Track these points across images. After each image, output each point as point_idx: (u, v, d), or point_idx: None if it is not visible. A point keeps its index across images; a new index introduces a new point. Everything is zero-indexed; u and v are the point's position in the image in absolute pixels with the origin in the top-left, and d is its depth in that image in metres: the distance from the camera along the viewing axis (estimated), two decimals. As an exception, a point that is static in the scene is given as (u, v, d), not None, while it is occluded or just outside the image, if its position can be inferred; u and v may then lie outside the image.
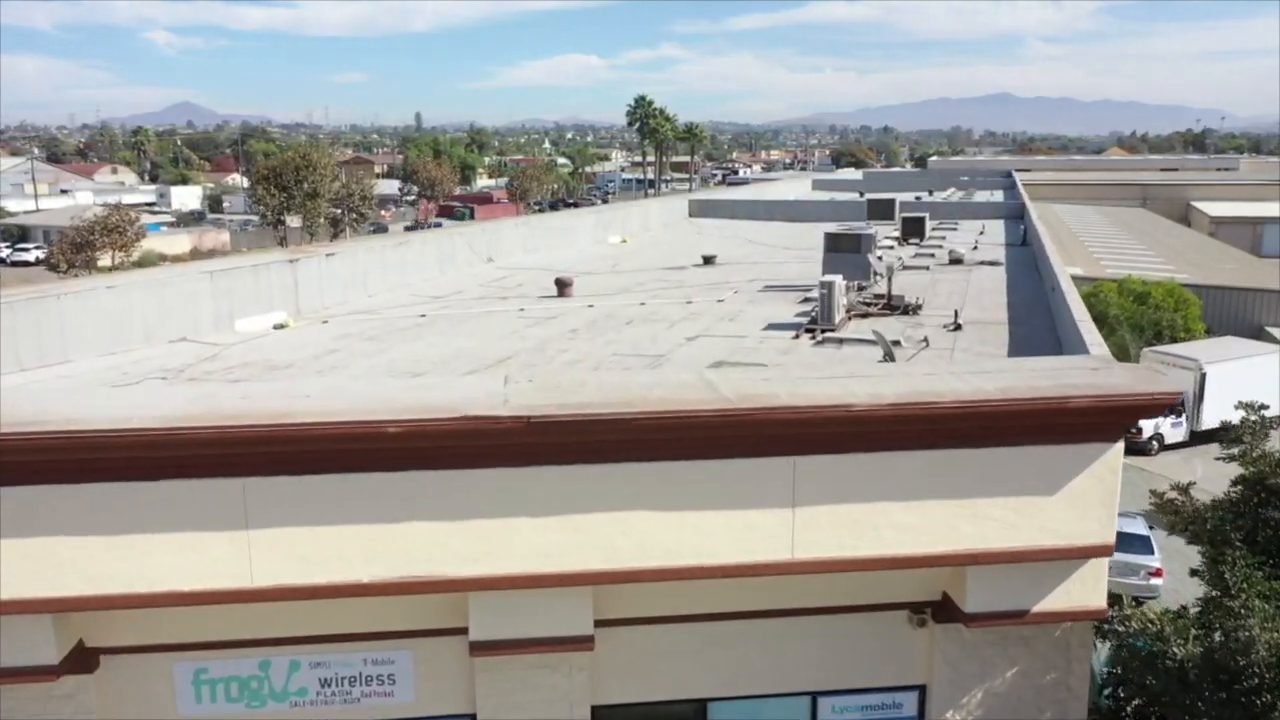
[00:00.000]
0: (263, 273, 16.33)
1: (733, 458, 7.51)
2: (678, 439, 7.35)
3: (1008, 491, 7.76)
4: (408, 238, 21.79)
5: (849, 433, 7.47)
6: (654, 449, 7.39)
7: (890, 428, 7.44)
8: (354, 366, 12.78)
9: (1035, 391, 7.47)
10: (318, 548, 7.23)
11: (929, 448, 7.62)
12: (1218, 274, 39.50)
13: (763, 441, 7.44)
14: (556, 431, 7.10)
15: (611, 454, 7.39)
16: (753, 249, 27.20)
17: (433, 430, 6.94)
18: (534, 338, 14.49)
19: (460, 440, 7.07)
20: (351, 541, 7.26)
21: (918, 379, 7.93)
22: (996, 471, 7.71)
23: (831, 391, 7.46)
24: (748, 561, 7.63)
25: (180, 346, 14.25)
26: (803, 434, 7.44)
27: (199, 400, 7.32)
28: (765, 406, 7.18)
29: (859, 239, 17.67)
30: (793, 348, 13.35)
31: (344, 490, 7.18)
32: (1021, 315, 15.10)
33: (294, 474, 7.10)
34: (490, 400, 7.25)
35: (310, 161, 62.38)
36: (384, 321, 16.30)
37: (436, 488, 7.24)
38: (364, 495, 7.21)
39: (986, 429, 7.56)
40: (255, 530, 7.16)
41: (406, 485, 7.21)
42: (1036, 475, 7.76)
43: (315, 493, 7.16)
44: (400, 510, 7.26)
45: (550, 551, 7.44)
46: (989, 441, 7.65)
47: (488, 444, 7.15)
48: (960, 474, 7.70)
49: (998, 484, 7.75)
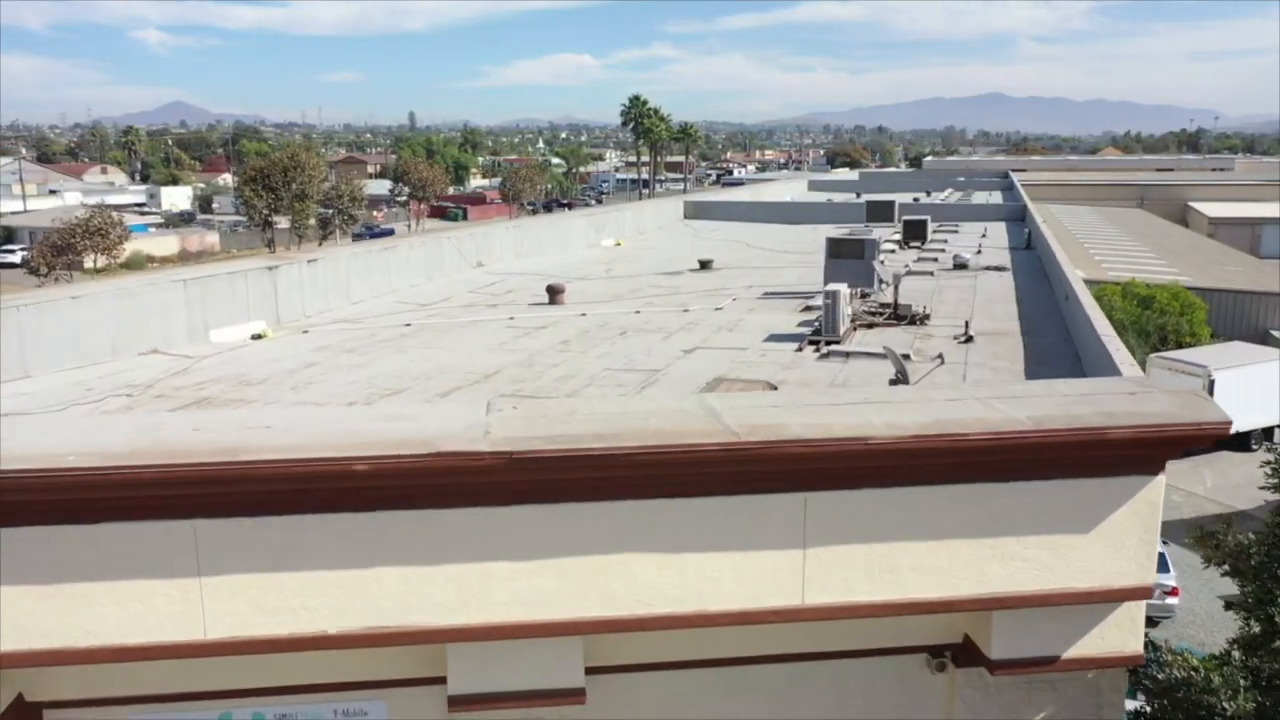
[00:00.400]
0: (239, 280, 15.61)
1: (738, 494, 6.80)
2: (677, 475, 6.65)
3: (1039, 529, 7.07)
4: (394, 242, 21.06)
5: (866, 467, 6.77)
6: (651, 486, 6.69)
7: (912, 462, 6.75)
8: (332, 382, 12.08)
9: (1072, 421, 6.79)
10: (278, 596, 6.51)
11: (953, 482, 6.93)
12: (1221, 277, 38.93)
13: (771, 477, 6.75)
14: (543, 468, 6.39)
15: (604, 492, 6.68)
16: (750, 253, 26.54)
17: (405, 468, 6.23)
18: (523, 350, 13.79)
19: (435, 478, 6.36)
20: (315, 589, 6.55)
21: (940, 406, 7.24)
22: (1027, 508, 7.03)
23: (847, 422, 6.76)
24: (754, 608, 6.94)
25: (150, 359, 13.54)
26: (815, 469, 6.73)
27: (145, 433, 6.60)
28: (775, 440, 6.48)
29: (862, 244, 17.00)
30: (796, 361, 12.67)
31: (307, 533, 6.46)
32: (1035, 325, 14.44)
33: (251, 515, 6.38)
34: (469, 433, 6.54)
35: (299, 162, 61.50)
36: (367, 332, 15.59)
37: (409, 530, 6.53)
38: (329, 538, 6.49)
39: (1018, 462, 6.87)
40: (208, 578, 6.45)
41: (376, 527, 6.49)
42: (1071, 511, 7.07)
43: (275, 536, 6.44)
44: (369, 555, 6.54)
45: (536, 599, 6.73)
46: (1020, 475, 6.96)
47: (466, 482, 6.44)
48: (988, 510, 7.01)
49: (1028, 521, 7.06)
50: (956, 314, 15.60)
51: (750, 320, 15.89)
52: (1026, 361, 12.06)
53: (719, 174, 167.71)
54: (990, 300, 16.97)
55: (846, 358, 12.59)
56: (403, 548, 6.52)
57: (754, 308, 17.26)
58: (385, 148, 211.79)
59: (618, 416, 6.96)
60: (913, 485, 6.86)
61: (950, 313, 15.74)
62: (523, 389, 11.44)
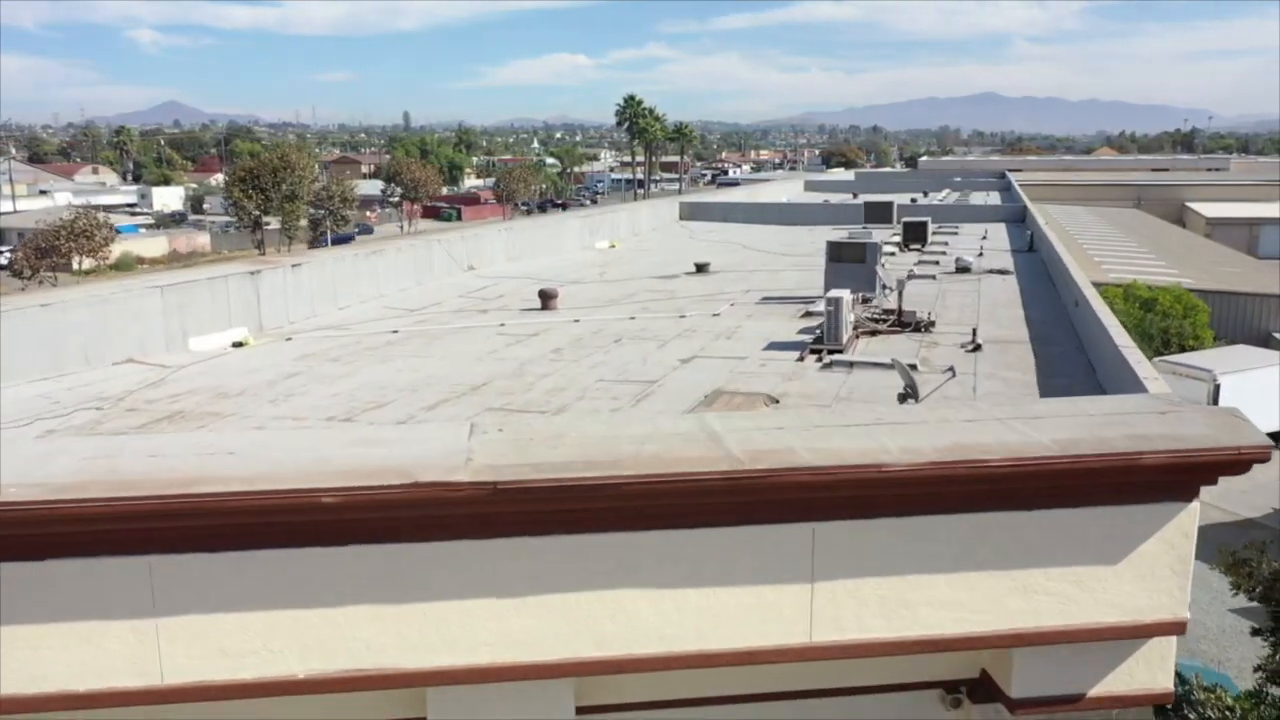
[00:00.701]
0: (220, 286, 15.08)
1: (741, 525, 6.30)
2: (675, 506, 6.15)
3: (1065, 561, 6.58)
4: (382, 246, 20.54)
5: (880, 495, 6.27)
6: (647, 517, 6.19)
7: (929, 490, 6.24)
8: (313, 394, 11.56)
9: (1102, 446, 6.30)
10: (241, 638, 6.00)
11: (973, 510, 6.44)
12: (1222, 278, 38.54)
13: (777, 507, 6.25)
14: (529, 499, 5.88)
15: (596, 524, 6.18)
16: (747, 255, 26.06)
17: (378, 500, 5.72)
18: (513, 359, 13.28)
19: (412, 510, 5.85)
20: (282, 630, 6.03)
21: (958, 428, 6.74)
22: (1052, 537, 6.54)
23: (859, 446, 6.27)
24: (758, 647, 6.44)
25: (125, 369, 13.01)
26: (825, 498, 6.23)
27: (97, 460, 6.08)
28: (781, 468, 5.99)
29: (864, 248, 16.52)
30: (797, 371, 12.18)
31: (273, 569, 5.94)
32: (1044, 333, 13.96)
33: (211, 551, 5.86)
34: (449, 460, 6.03)
35: (289, 163, 60.78)
36: (352, 339, 15.07)
37: (385, 565, 6.02)
38: (297, 575, 5.97)
39: (1043, 489, 6.38)
40: (165, 618, 5.94)
41: (348, 562, 5.98)
42: (1099, 541, 6.59)
43: (237, 572, 5.92)
44: (341, 592, 6.03)
45: (524, 639, 6.23)
46: (1044, 503, 6.47)
47: (446, 514, 5.92)
48: (1010, 541, 6.52)
49: (1053, 552, 6.57)
50: (962, 320, 15.12)
51: (749, 327, 15.40)
52: (1038, 372, 11.58)
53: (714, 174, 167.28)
54: (995, 305, 16.49)
55: (850, 368, 12.11)
56: (378, 584, 6.01)
57: (752, 313, 16.76)
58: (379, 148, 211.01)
59: (610, 440, 6.45)
60: (929, 514, 6.37)
61: (955, 319, 15.26)
62: (512, 402, 10.94)
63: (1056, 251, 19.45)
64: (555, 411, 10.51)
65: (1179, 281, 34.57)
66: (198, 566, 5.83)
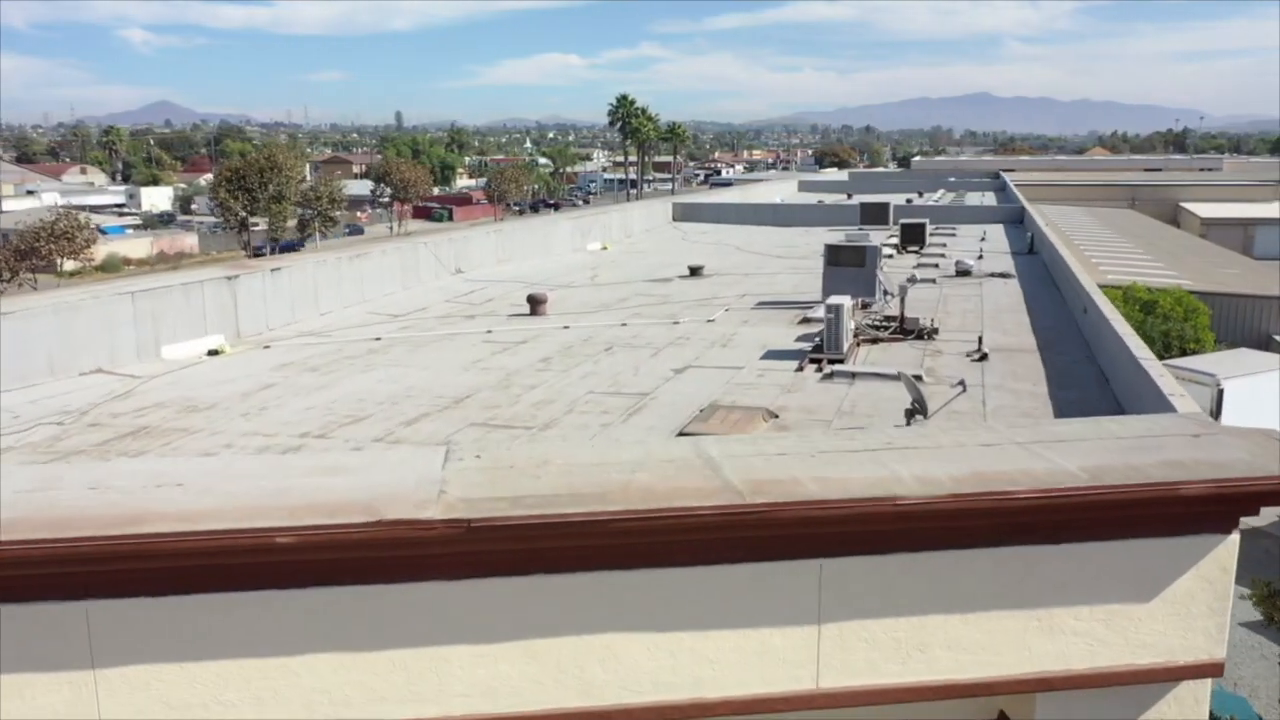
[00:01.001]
0: (195, 292, 14.49)
1: (741, 562, 5.75)
2: (669, 543, 5.59)
3: (1093, 598, 6.05)
4: (367, 248, 19.95)
5: (893, 530, 5.72)
6: (638, 555, 5.64)
7: (947, 524, 5.70)
8: (287, 408, 10.99)
9: (1136, 475, 5.78)
10: (188, 690, 5.44)
11: (994, 545, 5.90)
12: (1221, 280, 38.14)
13: (781, 542, 5.70)
14: (507, 538, 5.32)
15: (582, 562, 5.62)
16: (742, 257, 25.54)
17: (339, 540, 5.15)
18: (499, 369, 12.72)
19: (378, 550, 5.28)
20: (234, 681, 5.46)
21: (976, 454, 6.22)
22: (1079, 573, 6.01)
23: (870, 475, 5.73)
24: (760, 695, 5.91)
25: (93, 380, 12.43)
26: (833, 533, 5.68)
27: (35, 493, 5.53)
28: (786, 501, 5.44)
29: (863, 252, 16.00)
30: (797, 383, 11.64)
31: (223, 615, 5.38)
32: (1051, 340, 13.45)
33: (155, 595, 5.29)
34: (420, 492, 5.48)
35: (275, 163, 59.99)
36: (333, 347, 14.50)
37: (347, 609, 5.45)
38: (250, 621, 5.41)
39: (1071, 522, 5.84)
40: (104, 669, 5.37)
41: (307, 607, 5.41)
42: (1129, 577, 6.07)
43: (184, 619, 5.36)
44: (299, 639, 5.46)
45: (502, 689, 5.68)
46: (1072, 537, 5.94)
47: (416, 554, 5.36)
48: (1034, 577, 5.99)
49: (1080, 589, 6.04)
50: (965, 326, 14.60)
51: (745, 334, 14.85)
52: (1049, 384, 11.06)
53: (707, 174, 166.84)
54: (999, 311, 15.98)
55: (852, 379, 11.56)
56: (340, 630, 5.44)
57: (748, 319, 16.22)
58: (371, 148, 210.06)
59: (598, 469, 5.90)
60: (947, 549, 5.84)
61: (958, 325, 14.74)
62: (496, 416, 10.38)
63: (1059, 254, 18.97)
64: (542, 427, 9.96)
65: (1178, 283, 34.13)
66: (140, 613, 5.26)
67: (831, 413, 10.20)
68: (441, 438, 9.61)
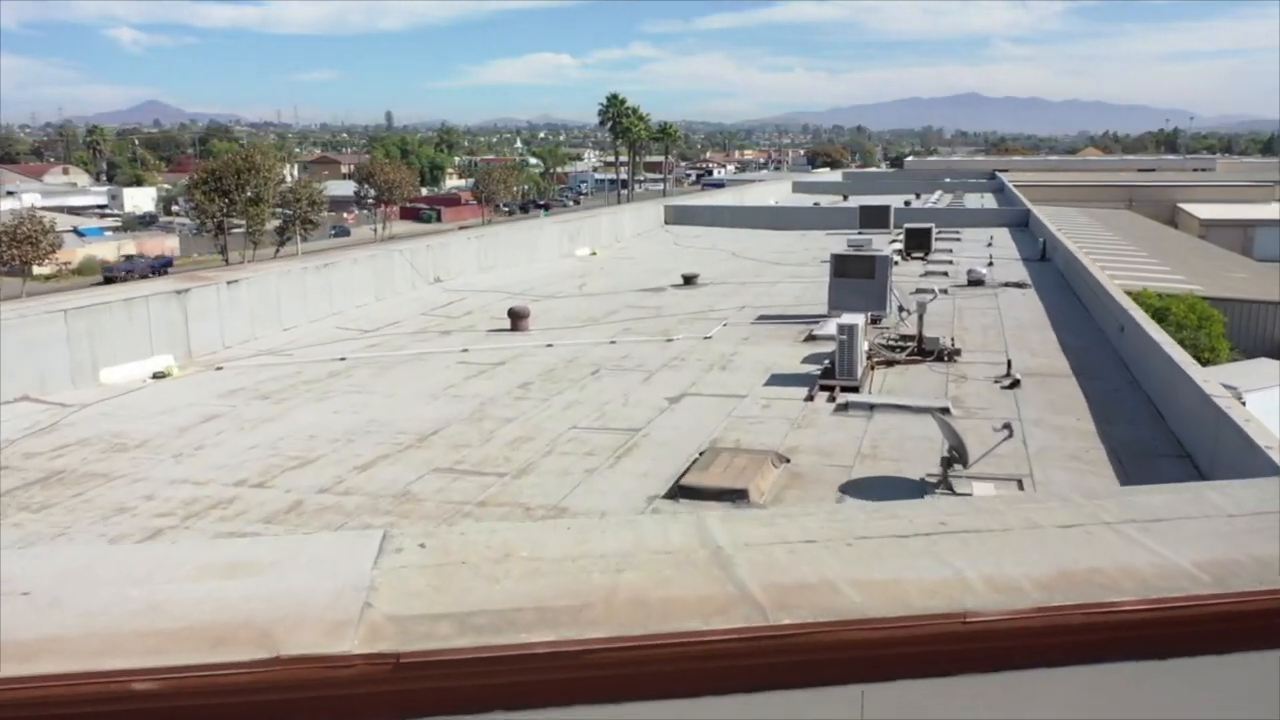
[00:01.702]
0: (139, 308, 13.15)
1: (758, 691, 4.39)
2: (664, 672, 4.23)
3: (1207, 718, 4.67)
4: (336, 258, 18.59)
5: (959, 650, 4.37)
6: (626, 687, 4.27)
7: (1028, 643, 4.37)
8: (227, 446, 9.65)
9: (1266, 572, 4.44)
10: None
11: (1088, 662, 4.53)
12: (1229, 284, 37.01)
13: (812, 668, 4.34)
14: (449, 675, 3.95)
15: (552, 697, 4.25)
16: (737, 264, 24.26)
17: (220, 684, 3.77)
18: (473, 396, 11.42)
19: (274, 695, 3.90)
20: None
21: (1055, 540, 4.86)
22: (1195, 694, 4.64)
23: (929, 579, 4.36)
24: None
25: (17, 409, 11.06)
26: (882, 655, 4.33)
27: None
28: (821, 622, 4.09)
29: (872, 262, 14.74)
30: (808, 415, 10.35)
31: (71, 777, 3.94)
32: (1085, 363, 12.19)
33: (-22, 752, 3.86)
34: (338, 607, 4.07)
35: (253, 164, 58.42)
36: (292, 368, 13.16)
37: (241, 766, 4.05)
38: (110, 783, 3.98)
39: (1187, 635, 4.50)
40: None
41: (186, 765, 4.00)
42: (1255, 695, 4.70)
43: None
44: (177, 806, 4.04)
45: None
46: (1184, 650, 4.58)
47: (328, 695, 3.99)
48: (1137, 698, 4.60)
49: (1195, 711, 4.67)
50: (987, 345, 13.34)
51: (746, 354, 13.57)
52: (1094, 417, 9.80)
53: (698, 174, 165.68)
54: (1021, 327, 14.72)
55: (870, 411, 10.29)
56: (232, 792, 4.15)
57: (748, 335, 14.95)
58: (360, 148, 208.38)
59: (574, 566, 4.57)
60: (1027, 669, 4.56)
61: (979, 344, 13.48)
62: (464, 459, 9.08)
63: (1079, 262, 17.76)
64: (516, 473, 8.67)
65: (1188, 288, 32.97)
66: (-41, 775, 3.97)
67: (851, 455, 8.93)
68: (399, 487, 8.32)
